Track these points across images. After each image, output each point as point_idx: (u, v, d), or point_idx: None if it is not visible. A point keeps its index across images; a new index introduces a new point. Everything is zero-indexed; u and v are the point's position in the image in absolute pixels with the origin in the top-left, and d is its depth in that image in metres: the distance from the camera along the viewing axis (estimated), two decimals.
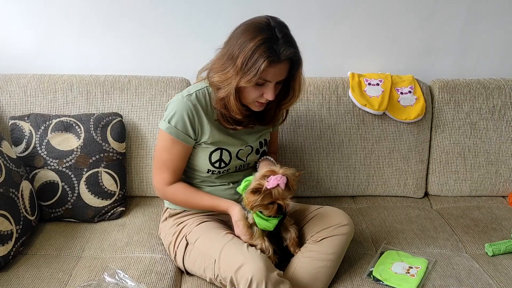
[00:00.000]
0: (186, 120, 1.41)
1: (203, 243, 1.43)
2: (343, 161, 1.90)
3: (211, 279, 1.39)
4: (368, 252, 1.59)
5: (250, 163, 1.56)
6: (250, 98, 1.38)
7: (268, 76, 1.31)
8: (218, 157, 1.47)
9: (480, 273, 1.49)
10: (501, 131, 1.93)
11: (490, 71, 2.07)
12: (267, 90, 1.35)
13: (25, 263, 1.47)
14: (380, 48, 2.04)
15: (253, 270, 1.25)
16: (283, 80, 1.37)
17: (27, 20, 1.90)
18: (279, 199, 1.30)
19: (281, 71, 1.33)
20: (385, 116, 1.90)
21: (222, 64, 1.34)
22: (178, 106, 1.42)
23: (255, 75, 1.27)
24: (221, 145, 1.47)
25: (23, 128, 1.69)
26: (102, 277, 1.38)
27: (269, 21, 1.31)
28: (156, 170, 1.50)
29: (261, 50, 1.26)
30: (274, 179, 1.28)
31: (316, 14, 1.96)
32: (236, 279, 1.28)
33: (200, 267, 1.41)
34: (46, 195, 1.67)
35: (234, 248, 1.35)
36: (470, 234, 1.70)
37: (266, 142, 1.59)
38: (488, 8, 2.00)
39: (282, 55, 1.28)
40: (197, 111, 1.43)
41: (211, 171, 1.49)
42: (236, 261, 1.29)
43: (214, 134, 1.46)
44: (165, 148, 1.45)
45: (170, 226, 1.54)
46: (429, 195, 2.00)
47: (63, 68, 1.93)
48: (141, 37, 1.94)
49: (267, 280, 1.24)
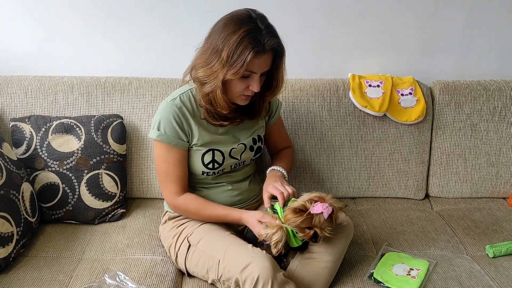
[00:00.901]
0: (174, 124, 1.41)
1: (206, 244, 1.43)
2: (344, 163, 1.90)
3: (214, 280, 1.39)
4: (369, 254, 1.59)
5: (245, 161, 1.56)
6: (236, 92, 1.38)
7: (254, 67, 1.32)
8: (211, 158, 1.47)
9: (481, 275, 1.49)
10: (501, 132, 1.93)
11: (491, 72, 2.06)
12: (252, 82, 1.35)
13: (25, 265, 1.47)
14: (381, 50, 2.04)
15: (259, 269, 1.25)
16: (266, 72, 1.38)
17: (28, 22, 1.90)
18: (317, 227, 1.30)
19: (266, 62, 1.34)
20: (385, 117, 1.90)
21: (206, 58, 1.34)
22: (164, 112, 1.42)
23: (242, 67, 1.28)
24: (212, 146, 1.47)
25: (24, 129, 1.69)
26: (103, 279, 1.38)
27: (250, 13, 1.32)
28: (162, 184, 1.50)
29: (246, 41, 1.26)
30: (320, 206, 1.27)
31: (317, 15, 1.96)
32: (241, 278, 1.28)
33: (203, 268, 1.40)
34: (47, 196, 1.67)
35: (239, 248, 1.35)
36: (471, 235, 1.70)
37: (260, 138, 1.58)
38: (488, 10, 2.00)
39: (267, 45, 1.29)
40: (183, 114, 1.43)
41: (205, 173, 1.49)
42: (242, 260, 1.29)
43: (203, 135, 1.46)
44: (162, 158, 1.45)
45: (170, 228, 1.53)
46: (429, 197, 2.00)
47: (64, 70, 1.93)
48: (142, 38, 1.95)
49: (273, 279, 1.24)
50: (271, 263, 1.28)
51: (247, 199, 1.58)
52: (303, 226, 1.30)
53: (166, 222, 1.57)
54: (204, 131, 1.46)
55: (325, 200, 1.30)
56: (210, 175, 1.50)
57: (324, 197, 1.31)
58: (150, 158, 1.83)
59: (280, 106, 1.66)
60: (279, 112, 1.65)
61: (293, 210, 1.29)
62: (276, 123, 1.66)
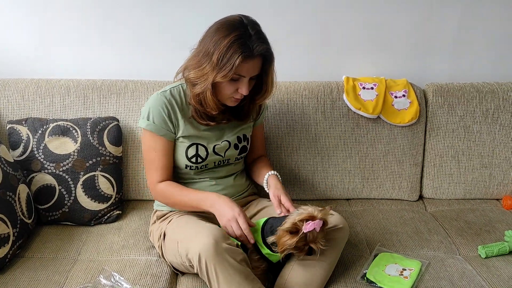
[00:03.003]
0: (162, 113, 1.46)
1: (173, 230, 1.46)
2: (338, 165, 1.92)
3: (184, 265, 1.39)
4: (362, 254, 1.60)
5: (230, 159, 1.58)
6: (226, 94, 1.42)
7: (243, 71, 1.36)
8: (194, 152, 1.50)
9: (473, 275, 1.50)
10: (494, 134, 1.95)
11: (484, 75, 2.08)
12: (241, 85, 1.40)
13: (21, 266, 1.48)
14: (375, 52, 2.06)
15: (200, 246, 1.26)
16: (256, 76, 1.42)
17: (25, 26, 1.91)
18: (311, 242, 1.31)
19: (254, 66, 1.38)
20: (379, 119, 1.91)
21: (198, 61, 1.39)
22: (153, 102, 1.48)
23: (230, 70, 1.32)
24: (196, 140, 1.51)
25: (21, 132, 1.71)
26: (98, 280, 1.39)
27: (242, 19, 1.37)
28: (147, 172, 1.54)
29: (236, 46, 1.31)
30: (312, 224, 1.27)
31: (311, 18, 1.97)
32: (191, 257, 1.29)
33: (172, 254, 1.43)
34: (43, 198, 1.68)
35: (194, 226, 1.39)
36: (463, 236, 1.71)
37: (245, 138, 1.60)
38: (482, 13, 2.02)
39: (256, 50, 1.33)
40: (172, 105, 1.48)
41: (188, 166, 1.52)
42: (189, 238, 1.32)
43: (188, 128, 1.50)
44: (150, 147, 1.50)
45: (157, 228, 1.56)
46: (423, 198, 2.01)
47: (60, 73, 1.94)
48: (138, 42, 1.96)
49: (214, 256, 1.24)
50: (213, 237, 1.26)
51: (233, 194, 1.59)
52: (299, 245, 1.31)
53: (155, 223, 1.59)
54: (189, 125, 1.50)
55: (316, 217, 1.30)
56: (193, 169, 1.53)
57: (313, 212, 1.31)
58: None
59: (265, 109, 1.68)
60: (264, 114, 1.68)
61: (286, 231, 1.29)
62: (259, 126, 1.69)
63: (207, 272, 1.27)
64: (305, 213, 1.31)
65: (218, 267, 1.25)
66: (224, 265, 1.25)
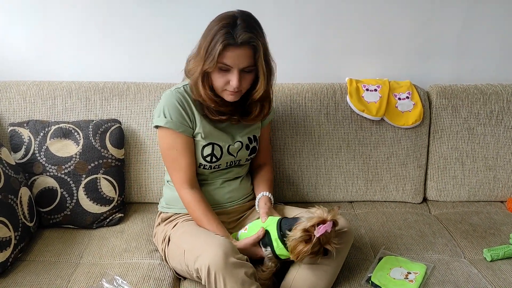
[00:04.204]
0: (179, 108, 1.46)
1: (180, 236, 1.45)
2: (341, 167, 1.91)
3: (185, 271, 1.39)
4: (366, 257, 1.59)
5: (241, 160, 1.58)
6: (219, 86, 1.42)
7: (228, 61, 1.35)
8: (210, 151, 1.49)
9: (479, 279, 1.49)
10: (498, 136, 1.94)
11: (488, 76, 2.07)
12: (231, 77, 1.38)
13: (23, 269, 1.47)
14: (378, 54, 2.05)
15: (210, 258, 1.24)
16: (250, 69, 1.40)
17: (27, 28, 1.91)
18: (326, 244, 1.30)
19: (241, 56, 1.36)
20: (383, 121, 1.90)
21: (195, 53, 1.44)
22: (168, 99, 1.48)
23: (214, 58, 1.34)
24: (213, 140, 1.50)
25: (22, 134, 1.70)
26: (100, 283, 1.38)
27: (236, 12, 1.39)
28: (171, 173, 1.52)
29: (219, 34, 1.34)
30: (323, 227, 1.26)
31: (314, 20, 1.97)
32: (199, 267, 1.28)
33: (176, 261, 1.42)
34: (45, 201, 1.67)
35: (203, 237, 1.37)
36: (468, 239, 1.70)
37: (256, 138, 1.60)
38: (485, 14, 2.01)
39: (239, 39, 1.33)
40: (187, 101, 1.48)
41: (203, 165, 1.51)
42: (198, 249, 1.31)
43: (205, 125, 1.49)
44: (169, 145, 1.48)
45: (161, 231, 1.55)
46: (427, 201, 2.00)
47: (62, 75, 1.94)
48: (140, 43, 1.95)
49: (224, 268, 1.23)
50: (223, 250, 1.25)
51: (238, 198, 1.59)
52: (314, 250, 1.30)
53: (160, 225, 1.58)
54: (205, 121, 1.50)
55: (326, 220, 1.29)
56: (207, 169, 1.52)
57: (322, 215, 1.30)
58: (148, 162, 1.83)
59: (272, 111, 1.66)
60: (271, 116, 1.66)
61: (299, 241, 1.28)
62: (266, 128, 1.67)
63: (215, 284, 1.25)
64: (315, 217, 1.30)
65: (227, 280, 1.23)
66: (234, 278, 1.24)
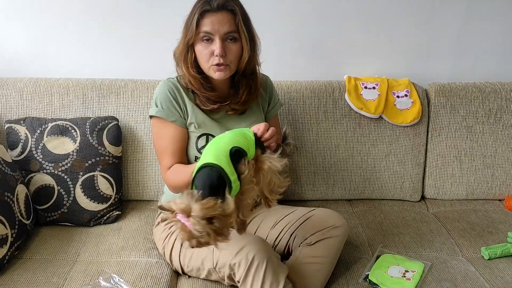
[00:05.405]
0: (170, 98, 1.46)
1: None
2: (340, 165, 1.90)
3: (209, 270, 1.38)
4: (364, 256, 1.59)
5: None
6: (204, 60, 1.41)
7: (207, 27, 1.36)
8: (204, 143, 1.48)
9: (476, 277, 1.49)
10: (497, 134, 1.93)
11: (486, 74, 2.07)
12: (214, 46, 1.38)
13: (20, 267, 1.46)
14: (377, 52, 2.04)
15: (256, 249, 1.26)
16: (233, 36, 1.39)
17: (23, 24, 1.90)
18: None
19: (220, 21, 1.37)
20: (381, 119, 1.90)
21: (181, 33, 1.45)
22: (160, 88, 1.49)
23: (193, 28, 1.37)
24: (207, 130, 1.48)
25: (19, 131, 1.69)
26: (97, 281, 1.38)
27: None
28: (160, 160, 1.51)
29: (198, 4, 1.38)
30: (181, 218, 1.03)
31: (312, 17, 1.96)
32: (236, 262, 1.28)
33: (198, 260, 1.40)
34: (42, 199, 1.66)
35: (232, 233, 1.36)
36: (466, 237, 1.70)
37: None
38: (484, 12, 2.01)
39: (215, 3, 1.35)
40: (178, 90, 1.48)
41: (198, 158, 1.49)
42: (237, 244, 1.29)
43: (197, 114, 1.48)
44: (159, 134, 1.48)
45: (162, 230, 1.54)
46: (425, 199, 2.00)
47: (59, 72, 1.93)
48: (137, 40, 1.95)
49: (268, 260, 1.25)
50: (266, 245, 1.30)
51: None
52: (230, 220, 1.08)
53: (159, 224, 1.57)
54: (198, 111, 1.49)
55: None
56: None
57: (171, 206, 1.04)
58: (146, 160, 1.82)
59: (278, 104, 1.65)
60: (276, 110, 1.64)
61: None
62: (272, 121, 1.63)
63: (254, 275, 1.25)
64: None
65: (268, 271, 1.25)
66: (275, 276, 1.26)
